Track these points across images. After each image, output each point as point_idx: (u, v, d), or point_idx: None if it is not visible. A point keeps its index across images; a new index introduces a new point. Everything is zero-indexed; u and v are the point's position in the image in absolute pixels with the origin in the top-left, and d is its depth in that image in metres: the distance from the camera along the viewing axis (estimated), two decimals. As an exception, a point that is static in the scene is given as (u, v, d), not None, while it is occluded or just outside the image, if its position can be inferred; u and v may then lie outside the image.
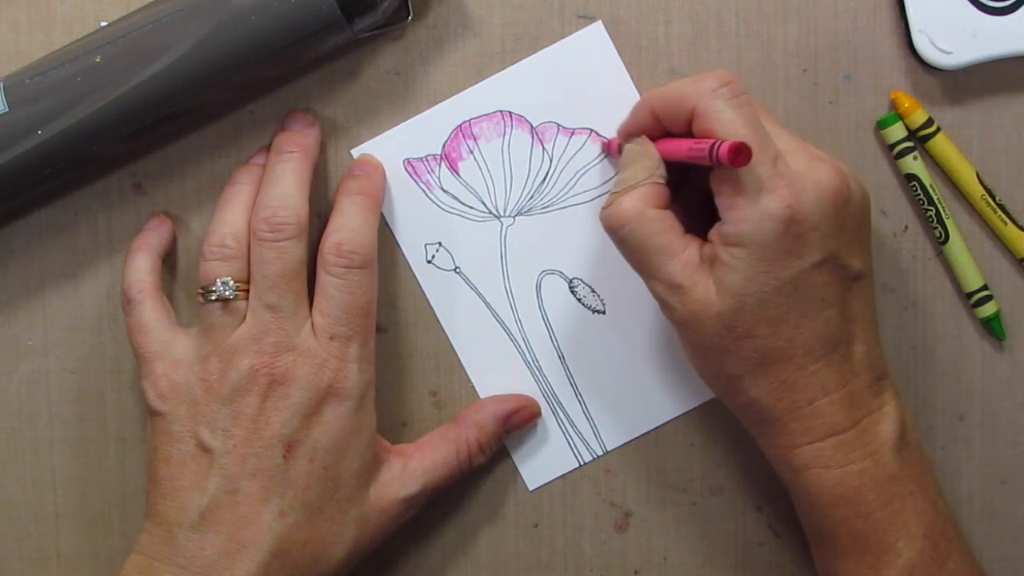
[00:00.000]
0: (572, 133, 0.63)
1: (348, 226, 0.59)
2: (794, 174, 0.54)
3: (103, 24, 0.60)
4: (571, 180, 0.63)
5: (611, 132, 0.62)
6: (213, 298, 0.58)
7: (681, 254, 0.56)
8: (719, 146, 0.53)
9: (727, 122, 0.55)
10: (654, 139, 0.58)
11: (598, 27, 0.62)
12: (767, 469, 0.59)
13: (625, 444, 0.64)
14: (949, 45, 0.61)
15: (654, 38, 0.62)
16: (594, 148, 0.63)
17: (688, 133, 0.56)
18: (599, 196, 0.63)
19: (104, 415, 0.64)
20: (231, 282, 0.58)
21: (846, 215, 0.56)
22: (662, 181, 0.57)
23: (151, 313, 0.60)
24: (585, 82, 0.62)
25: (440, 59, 0.62)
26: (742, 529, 0.65)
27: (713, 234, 0.56)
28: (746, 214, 0.54)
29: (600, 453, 0.64)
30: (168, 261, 0.63)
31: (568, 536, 0.65)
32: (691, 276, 0.55)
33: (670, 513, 0.65)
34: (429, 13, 0.62)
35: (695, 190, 0.59)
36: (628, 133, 0.60)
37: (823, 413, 0.56)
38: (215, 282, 0.58)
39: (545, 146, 0.63)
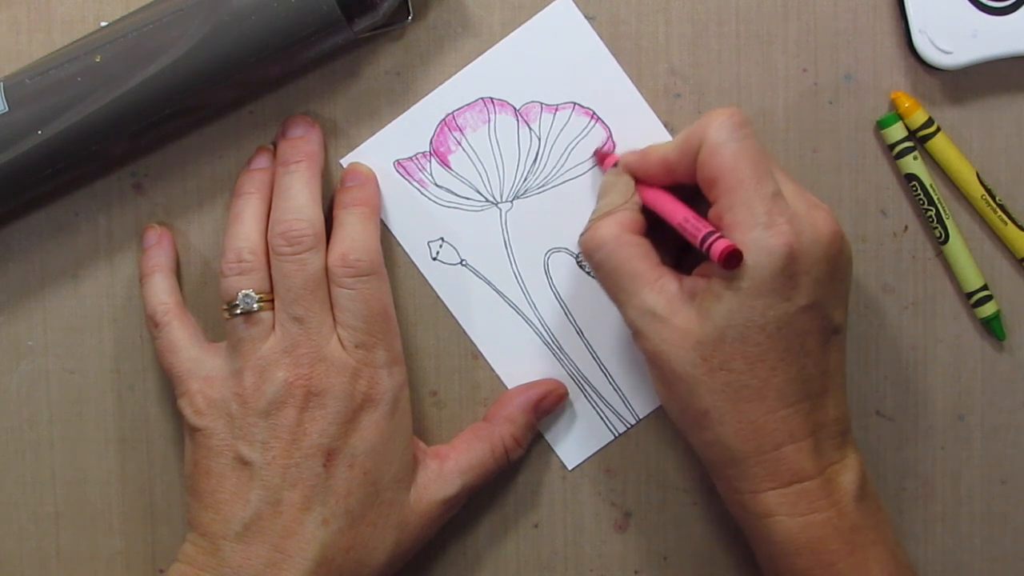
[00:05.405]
0: (556, 109, 0.63)
1: (349, 236, 0.59)
2: (793, 213, 0.55)
3: (103, 24, 0.60)
4: (562, 156, 0.63)
5: (593, 103, 0.62)
6: (238, 312, 0.58)
7: (656, 282, 0.57)
8: (715, 240, 0.54)
9: (729, 154, 0.55)
10: (656, 185, 0.59)
11: (565, 1, 0.62)
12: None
13: (655, 411, 0.63)
14: (949, 45, 0.61)
15: (654, 38, 0.62)
16: (580, 121, 0.62)
17: (693, 182, 0.57)
18: (592, 168, 0.63)
19: (104, 415, 0.64)
20: (253, 294, 0.58)
21: (837, 265, 0.56)
22: (637, 208, 0.59)
23: (179, 332, 0.60)
24: (560, 56, 0.62)
25: (440, 59, 0.62)
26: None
27: (704, 268, 0.56)
28: (743, 247, 0.54)
29: (633, 422, 0.64)
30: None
31: (568, 536, 0.65)
32: (669, 305, 0.56)
33: (670, 513, 0.64)
34: (429, 13, 0.62)
35: (667, 228, 0.59)
36: (629, 165, 0.60)
37: (788, 459, 0.56)
38: (237, 296, 0.58)
39: (531, 126, 0.63)
